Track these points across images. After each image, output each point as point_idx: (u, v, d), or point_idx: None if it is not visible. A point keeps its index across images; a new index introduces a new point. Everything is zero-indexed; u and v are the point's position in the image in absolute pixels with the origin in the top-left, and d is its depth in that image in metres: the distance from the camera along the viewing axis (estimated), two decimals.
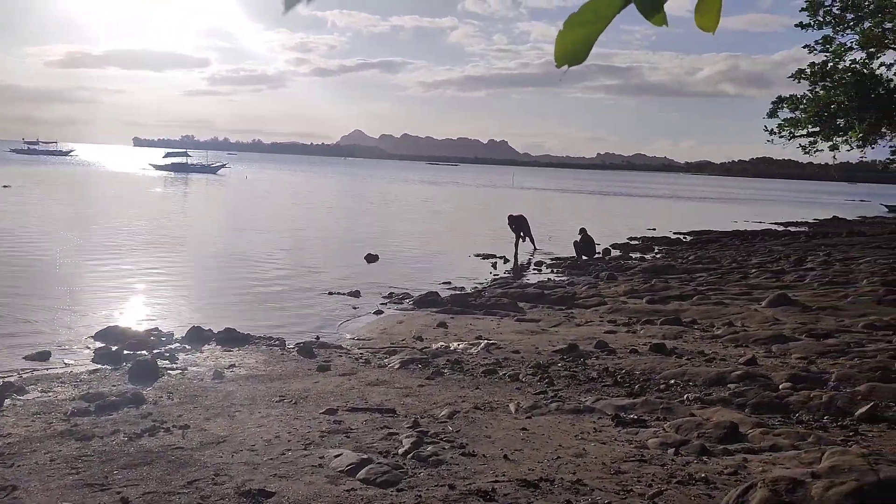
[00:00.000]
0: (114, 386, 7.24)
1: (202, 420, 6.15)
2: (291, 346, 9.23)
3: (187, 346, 9.04)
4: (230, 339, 9.37)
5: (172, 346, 9.03)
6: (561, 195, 69.94)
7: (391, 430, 5.82)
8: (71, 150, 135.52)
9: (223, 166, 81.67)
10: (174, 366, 8.11)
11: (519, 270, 18.90)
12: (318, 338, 9.99)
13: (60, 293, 12.76)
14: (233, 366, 8.15)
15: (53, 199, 36.08)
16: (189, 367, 8.04)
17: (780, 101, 22.32)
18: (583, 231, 21.21)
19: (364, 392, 7.10)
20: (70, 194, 40.76)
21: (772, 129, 22.76)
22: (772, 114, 22.52)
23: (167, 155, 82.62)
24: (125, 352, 8.58)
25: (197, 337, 9.39)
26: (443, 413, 6.34)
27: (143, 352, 8.67)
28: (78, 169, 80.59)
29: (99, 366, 8.13)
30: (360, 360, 8.49)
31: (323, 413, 6.35)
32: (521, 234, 21.74)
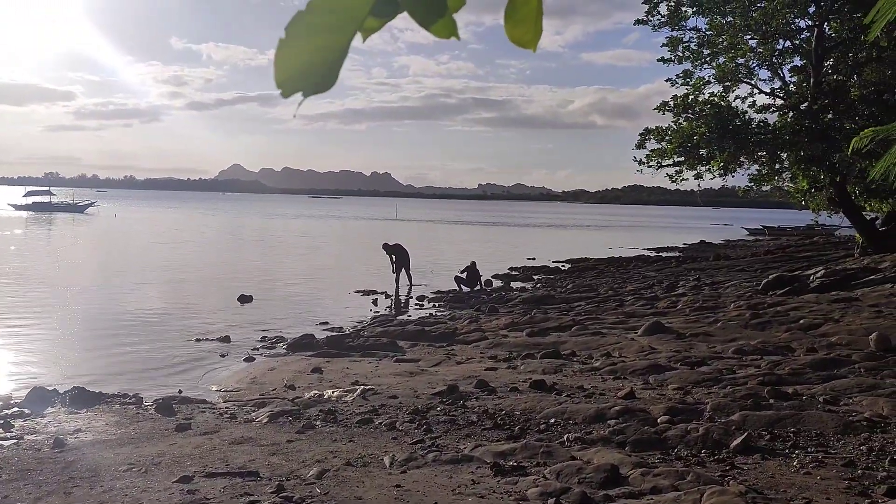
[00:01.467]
0: None
1: (31, 501, 5.39)
2: (149, 403, 8.46)
3: (27, 411, 8.09)
4: (79, 398, 8.49)
5: (9, 412, 8.06)
6: (443, 226, 70.46)
7: (252, 498, 5.28)
8: None
9: (91, 204, 77.48)
10: (8, 435, 7.20)
11: (400, 305, 18.57)
12: (180, 391, 9.25)
13: None
14: (78, 431, 7.33)
15: None
16: (26, 436, 7.16)
17: (647, 133, 23.19)
18: (472, 264, 21.23)
19: (226, 453, 6.50)
20: None
21: (640, 160, 23.61)
22: (640, 145, 23.36)
23: (28, 194, 77.55)
24: None
25: (39, 398, 8.44)
26: (311, 473, 5.84)
27: None
28: None
29: None
30: (225, 416, 7.85)
31: (176, 482, 5.71)
32: (398, 264, 21.51)
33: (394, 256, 21.55)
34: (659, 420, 7.03)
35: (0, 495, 5.50)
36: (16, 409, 8.21)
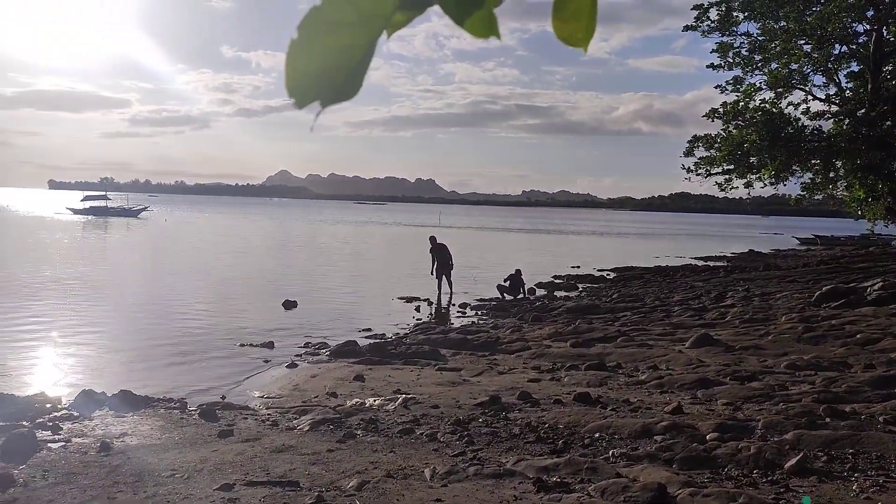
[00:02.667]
0: None
1: None
2: (193, 409, 8.51)
3: (75, 413, 8.20)
4: (125, 402, 8.59)
5: (58, 414, 8.18)
6: (487, 233, 70.29)
7: None
8: None
9: (144, 209, 79.18)
10: (56, 437, 7.29)
11: (442, 313, 18.54)
12: (223, 397, 9.30)
13: None
14: (124, 434, 7.40)
15: None
16: (73, 439, 7.24)
17: (695, 141, 22.79)
18: (517, 272, 21.07)
19: (267, 461, 6.48)
20: None
21: (689, 168, 23.16)
22: (688, 152, 22.96)
23: (85, 198, 79.66)
24: (1, 423, 7.70)
25: (87, 401, 8.55)
26: (351, 484, 5.78)
27: (24, 422, 7.81)
28: None
29: None
30: (267, 423, 7.85)
31: (217, 489, 5.70)
32: (438, 269, 21.24)
33: (435, 260, 21.38)
34: (708, 437, 6.81)
35: (45, 499, 5.56)
36: (65, 411, 8.33)
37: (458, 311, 18.78)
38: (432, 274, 21.34)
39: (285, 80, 0.58)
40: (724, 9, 22.95)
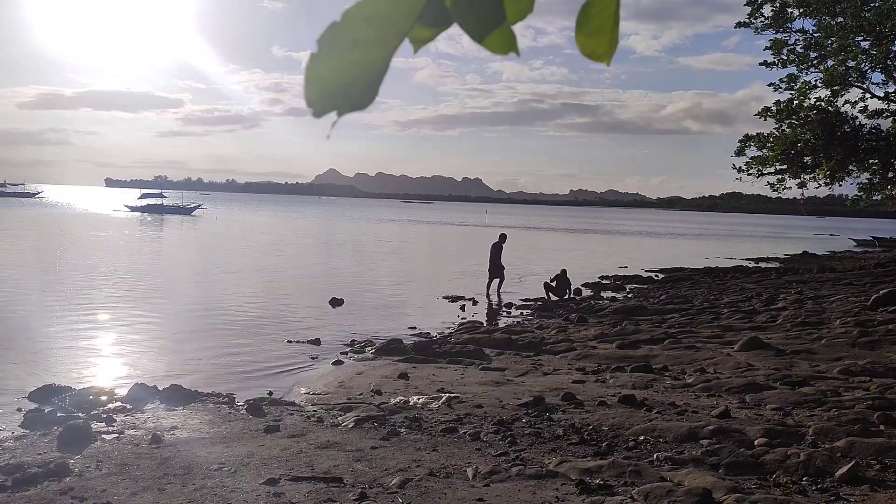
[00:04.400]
0: (39, 455, 6.63)
1: (127, 496, 5.59)
2: (241, 403, 8.67)
3: (128, 406, 8.43)
4: (176, 396, 8.80)
5: (112, 406, 8.42)
6: (533, 233, 69.97)
7: None
8: (38, 192, 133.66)
9: (197, 207, 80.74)
10: (110, 429, 7.51)
11: (491, 312, 18.57)
12: (270, 393, 9.46)
13: (1, 346, 12.07)
14: (174, 428, 7.58)
15: (11, 240, 35.14)
16: (126, 431, 7.45)
17: (747, 140, 22.37)
18: (563, 272, 20.96)
19: (312, 457, 6.58)
20: (35, 236, 39.81)
21: (740, 167, 22.77)
22: (739, 152, 22.55)
23: (143, 196, 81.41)
24: (59, 414, 7.97)
25: (140, 395, 8.79)
26: (394, 482, 5.83)
27: (80, 413, 8.06)
28: (44, 210, 79.30)
29: (27, 431, 7.50)
30: (313, 419, 7.97)
31: (263, 483, 5.81)
32: (490, 272, 21.39)
33: (490, 260, 21.46)
34: (756, 442, 6.70)
35: (99, 488, 5.73)
36: (118, 403, 8.56)
37: (504, 311, 18.75)
38: (490, 279, 21.44)
39: (305, 91, 0.60)
40: (778, 5, 22.45)
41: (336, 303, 18.15)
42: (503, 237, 22.46)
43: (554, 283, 20.69)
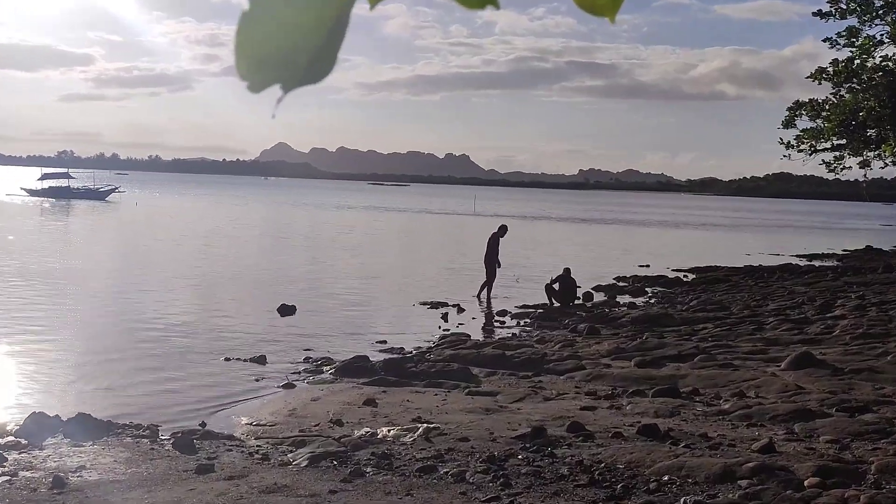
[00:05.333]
0: None
1: None
2: (166, 437, 8.67)
3: (23, 441, 8.37)
4: (85, 428, 8.75)
5: (2, 441, 8.36)
6: (533, 224, 70.20)
7: None
8: None
9: (113, 190, 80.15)
10: (0, 470, 7.46)
11: (483, 321, 18.70)
12: (203, 424, 9.44)
13: None
14: (81, 468, 7.55)
15: None
16: (20, 472, 7.40)
17: (797, 108, 22.56)
18: (566, 271, 21.03)
19: None
20: None
21: (788, 142, 23.00)
22: (788, 123, 22.74)
23: (44, 177, 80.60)
24: None
25: (39, 426, 8.72)
26: None
27: None
28: None
29: None
30: (256, 456, 7.97)
31: None
32: (488, 268, 21.56)
33: (486, 255, 21.66)
34: (807, 483, 6.79)
35: None
36: (11, 438, 8.50)
37: (497, 321, 18.80)
38: (498, 266, 21.71)
39: (235, 60, 0.59)
40: None
41: (286, 311, 18.11)
42: (503, 229, 22.52)
43: (556, 286, 20.77)
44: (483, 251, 22.15)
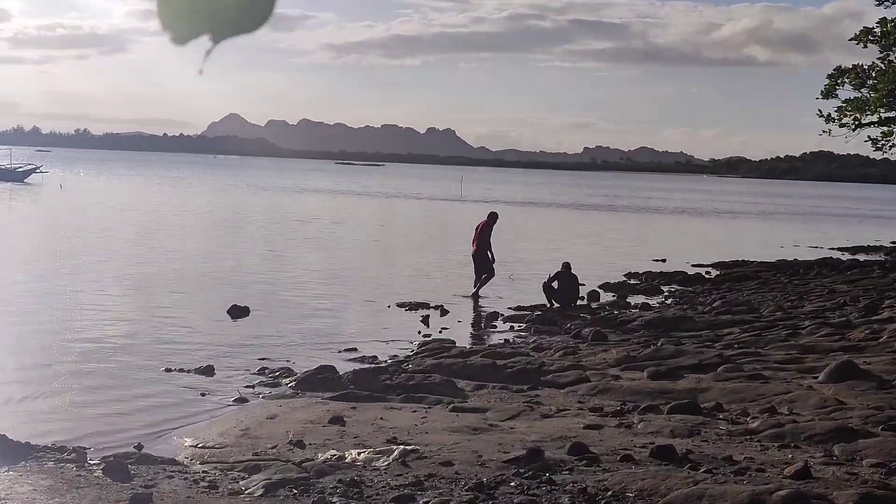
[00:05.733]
0: None
1: None
2: (95, 462, 8.64)
3: None
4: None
5: None
6: (531, 211, 70.31)
7: None
8: None
9: (33, 170, 79.65)
10: None
11: (472, 325, 18.80)
12: (139, 446, 9.41)
13: None
14: None
15: None
16: None
17: (839, 75, 22.65)
18: (566, 266, 21.06)
19: None
20: None
21: (829, 115, 23.10)
22: (828, 92, 22.84)
23: None
24: None
25: None
26: None
27: None
28: None
29: None
30: (202, 484, 7.98)
31: None
32: (477, 259, 21.70)
33: (475, 245, 21.81)
34: None
35: None
36: None
37: (486, 325, 18.84)
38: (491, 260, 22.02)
39: (157, 7, 0.58)
40: None
41: (238, 313, 18.08)
42: (494, 217, 22.60)
43: (555, 284, 20.80)
44: (470, 244, 22.21)
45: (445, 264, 28.80)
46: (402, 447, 8.91)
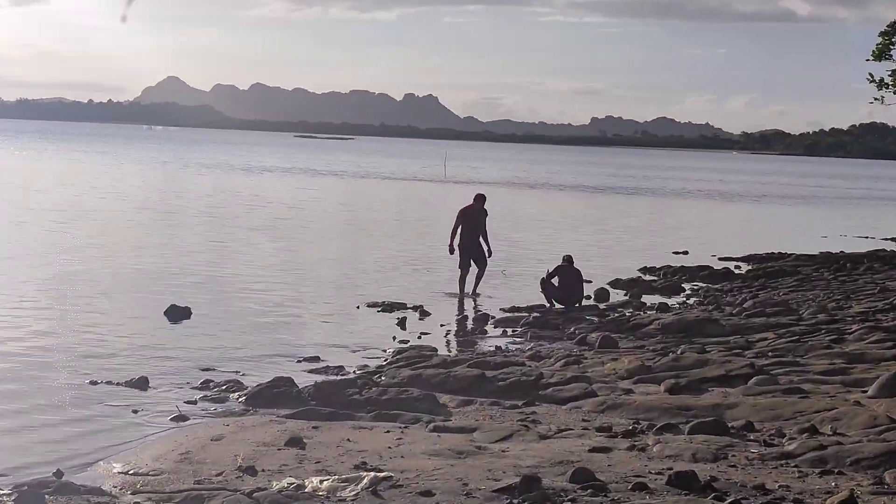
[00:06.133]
0: None
1: None
2: (6, 492, 8.63)
3: None
4: None
5: None
6: (526, 194, 70.33)
7: None
8: None
9: None
10: None
11: (458, 328, 18.89)
12: (59, 473, 9.38)
13: None
14: None
15: None
16: None
17: (893, 33, 22.69)
18: (568, 260, 21.08)
19: None
20: None
21: (881, 80, 23.14)
22: (880, 54, 22.88)
23: None
24: None
25: None
26: None
27: None
28: None
29: None
30: None
31: None
32: (469, 247, 21.80)
33: (459, 232, 22.10)
34: None
35: None
36: None
37: (474, 328, 18.85)
38: (452, 251, 22.26)
39: None
40: None
41: (177, 315, 18.06)
42: (481, 199, 22.63)
43: (556, 280, 20.82)
44: (450, 232, 22.28)
45: (426, 258, 28.78)
46: (372, 474, 8.90)
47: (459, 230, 22.27)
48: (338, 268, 26.97)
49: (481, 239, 22.31)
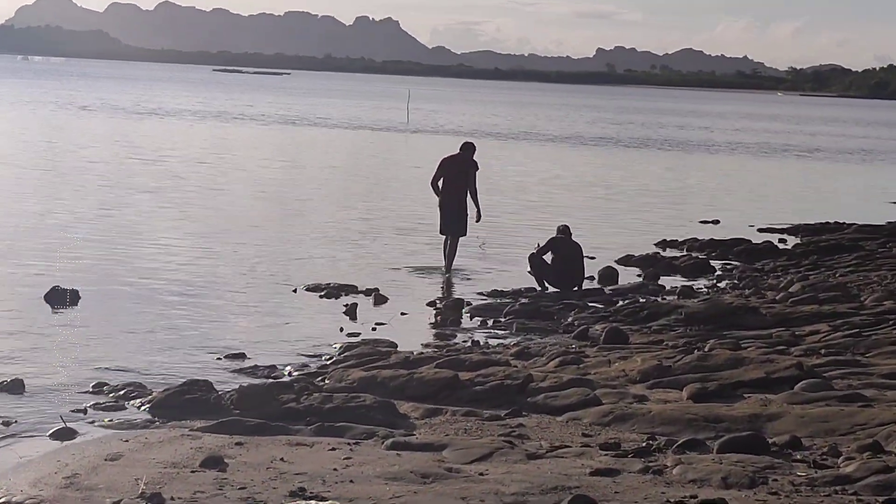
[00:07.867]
0: None
1: None
2: None
3: None
4: None
5: None
6: (512, 147, 70.30)
7: None
8: None
9: None
10: None
11: (428, 314, 19.06)
12: None
13: None
14: None
15: None
16: None
17: None
18: (564, 231, 21.13)
19: None
20: None
21: None
22: None
23: None
24: None
25: None
26: None
27: None
28: None
29: None
30: None
31: None
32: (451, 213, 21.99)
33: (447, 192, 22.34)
34: None
35: None
36: None
37: (447, 319, 18.87)
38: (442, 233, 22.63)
39: None
40: None
41: (61, 300, 18.04)
42: (470, 149, 22.69)
43: (549, 257, 20.86)
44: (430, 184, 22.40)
45: (382, 228, 28.79)
46: (314, 502, 8.94)
47: (441, 184, 22.30)
48: (268, 241, 26.90)
49: (468, 199, 22.41)
